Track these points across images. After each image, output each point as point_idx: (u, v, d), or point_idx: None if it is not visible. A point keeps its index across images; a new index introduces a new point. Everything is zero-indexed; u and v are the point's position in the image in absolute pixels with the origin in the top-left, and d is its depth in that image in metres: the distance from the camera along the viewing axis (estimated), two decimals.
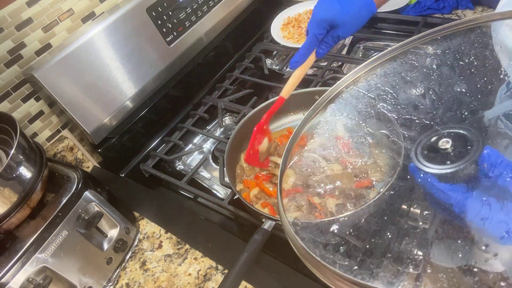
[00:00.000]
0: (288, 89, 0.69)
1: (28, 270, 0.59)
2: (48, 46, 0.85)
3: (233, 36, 1.18)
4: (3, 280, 0.56)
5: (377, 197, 0.53)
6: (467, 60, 0.64)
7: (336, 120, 0.59)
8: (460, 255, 1.27)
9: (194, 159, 0.98)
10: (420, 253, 0.51)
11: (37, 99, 0.87)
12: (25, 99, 0.84)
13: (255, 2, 1.24)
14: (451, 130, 0.43)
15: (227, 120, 1.05)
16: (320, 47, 0.68)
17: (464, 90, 0.61)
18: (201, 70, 1.10)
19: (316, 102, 0.59)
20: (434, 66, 0.63)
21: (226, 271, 0.69)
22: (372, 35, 1.09)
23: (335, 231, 0.49)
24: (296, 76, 0.69)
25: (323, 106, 0.60)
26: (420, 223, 0.66)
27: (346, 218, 0.52)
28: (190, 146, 1.01)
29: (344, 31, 0.65)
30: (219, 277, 0.69)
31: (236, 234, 0.74)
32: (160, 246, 0.76)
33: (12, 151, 0.59)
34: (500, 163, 0.39)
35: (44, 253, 0.61)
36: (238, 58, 1.19)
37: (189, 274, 0.71)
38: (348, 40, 1.12)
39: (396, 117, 0.57)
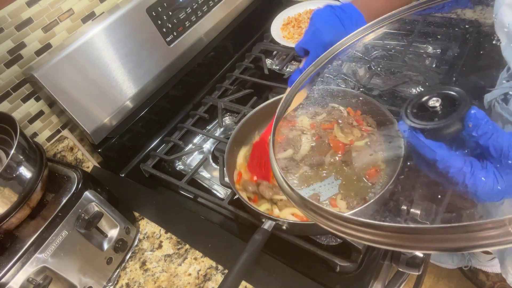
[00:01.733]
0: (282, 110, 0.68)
1: (28, 270, 0.59)
2: (48, 46, 0.85)
3: (233, 36, 1.18)
4: (3, 280, 0.56)
5: None
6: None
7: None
8: (460, 257, 1.27)
9: (194, 159, 0.98)
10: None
11: (37, 99, 0.87)
12: (25, 99, 0.84)
13: (255, 2, 1.24)
14: (442, 91, 0.44)
15: (227, 120, 1.05)
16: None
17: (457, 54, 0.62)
18: (201, 70, 1.10)
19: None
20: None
21: (226, 271, 0.69)
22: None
23: None
24: (296, 99, 0.68)
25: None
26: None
27: None
28: (190, 146, 1.01)
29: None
30: (219, 277, 0.69)
31: (236, 234, 0.74)
32: (160, 246, 0.76)
33: (12, 151, 0.59)
34: (485, 123, 0.41)
35: (44, 253, 0.61)
36: (238, 58, 1.19)
37: (189, 274, 0.71)
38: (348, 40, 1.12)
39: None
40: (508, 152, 0.40)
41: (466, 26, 1.00)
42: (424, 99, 0.45)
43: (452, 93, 0.43)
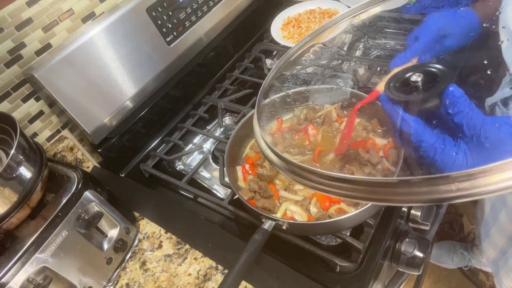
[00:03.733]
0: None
1: (28, 270, 0.59)
2: (48, 46, 0.85)
3: (233, 36, 1.18)
4: (3, 280, 0.56)
5: None
6: None
7: None
8: (460, 257, 1.27)
9: (194, 159, 0.98)
10: None
11: (37, 99, 0.87)
12: (25, 99, 0.84)
13: (255, 2, 1.24)
14: (425, 68, 0.44)
15: (227, 120, 1.05)
16: (424, 54, 0.66)
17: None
18: (201, 70, 1.10)
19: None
20: None
21: (226, 271, 0.69)
22: (371, 34, 1.09)
23: None
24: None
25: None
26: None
27: None
28: (190, 146, 1.01)
29: (453, 42, 0.64)
30: (219, 277, 0.69)
31: (236, 234, 0.74)
32: (160, 246, 0.76)
33: (12, 151, 0.59)
34: (462, 101, 0.41)
35: (44, 253, 0.61)
36: (238, 58, 1.19)
37: (189, 274, 0.71)
38: (348, 39, 1.12)
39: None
40: (480, 131, 0.40)
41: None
42: (408, 74, 0.45)
43: (434, 70, 0.44)
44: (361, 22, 1.08)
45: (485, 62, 0.61)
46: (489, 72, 0.65)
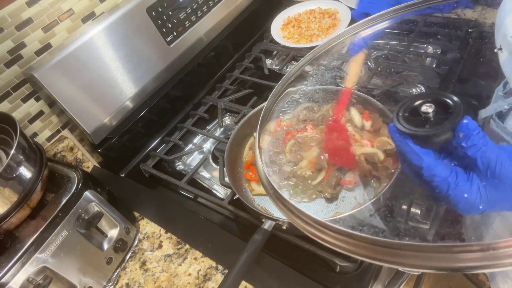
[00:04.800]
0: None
1: (28, 270, 0.59)
2: (48, 46, 0.85)
3: (233, 36, 1.18)
4: (3, 280, 0.56)
5: None
6: None
7: None
8: None
9: (194, 159, 0.98)
10: None
11: (37, 99, 0.87)
12: (25, 99, 0.84)
13: (255, 2, 1.24)
14: (437, 97, 0.43)
15: (227, 120, 1.05)
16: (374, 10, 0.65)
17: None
18: (201, 70, 1.10)
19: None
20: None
21: (226, 271, 0.69)
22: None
23: None
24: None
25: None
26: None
27: None
28: (190, 146, 1.01)
29: None
30: (219, 277, 0.69)
31: (236, 234, 0.74)
32: (160, 246, 0.76)
33: (12, 151, 0.59)
34: (476, 134, 0.40)
35: (44, 253, 0.61)
36: (238, 58, 1.19)
37: (189, 274, 0.71)
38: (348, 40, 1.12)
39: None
40: (495, 167, 0.39)
41: (467, 27, 1.00)
42: (417, 103, 0.44)
43: (447, 100, 0.42)
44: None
45: (484, 66, 0.61)
46: (487, 77, 0.65)
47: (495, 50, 0.56)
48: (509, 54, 0.55)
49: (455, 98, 0.42)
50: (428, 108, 0.42)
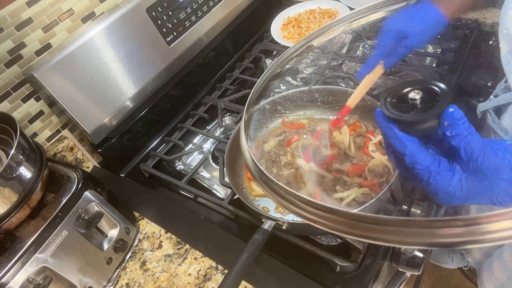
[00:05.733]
0: (354, 99, 0.65)
1: (28, 270, 0.59)
2: (48, 46, 0.85)
3: (233, 36, 1.18)
4: (3, 280, 0.56)
5: None
6: None
7: None
8: (460, 257, 1.27)
9: (194, 159, 0.98)
10: None
11: (37, 99, 0.87)
12: (25, 99, 0.84)
13: (255, 2, 1.24)
14: (425, 85, 0.42)
15: (227, 120, 1.05)
16: (388, 58, 0.64)
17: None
18: (201, 70, 1.10)
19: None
20: None
21: (226, 271, 0.69)
22: (371, 34, 1.09)
23: None
24: (362, 86, 0.65)
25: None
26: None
27: None
28: (190, 146, 1.01)
29: (415, 41, 0.61)
30: (219, 277, 0.69)
31: (236, 234, 0.74)
32: (160, 246, 0.76)
33: (12, 151, 0.59)
34: (461, 124, 0.39)
35: (44, 253, 0.61)
36: (238, 58, 1.19)
37: (189, 274, 0.70)
38: (348, 39, 1.12)
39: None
40: (477, 158, 0.39)
41: (467, 26, 1.00)
42: (405, 90, 0.43)
43: (435, 88, 0.42)
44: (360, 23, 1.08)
45: (484, 64, 0.61)
46: (487, 74, 0.65)
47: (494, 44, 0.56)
48: (509, 48, 0.55)
49: (443, 86, 0.41)
50: (415, 95, 0.42)
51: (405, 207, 0.73)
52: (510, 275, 0.82)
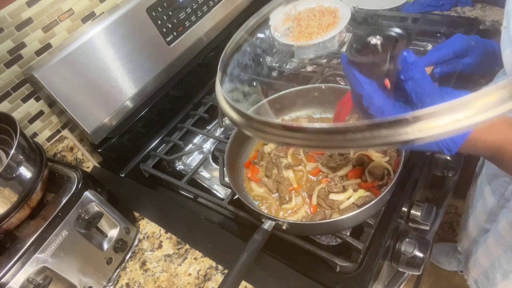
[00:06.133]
0: None
1: (28, 270, 0.59)
2: (48, 46, 0.85)
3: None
4: (3, 280, 0.56)
5: None
6: None
7: None
8: (456, 262, 1.27)
9: (194, 159, 0.98)
10: None
11: (37, 99, 0.87)
12: (25, 99, 0.84)
13: (255, 2, 1.24)
14: (386, 32, 0.45)
15: (227, 120, 1.05)
16: (441, 66, 0.64)
17: None
18: (201, 70, 1.10)
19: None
20: None
21: (226, 271, 0.69)
22: (371, 33, 1.09)
23: None
24: None
25: None
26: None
27: None
28: (190, 146, 1.01)
29: (471, 63, 0.62)
30: (219, 277, 0.69)
31: (236, 234, 0.74)
32: (160, 246, 0.76)
33: (12, 151, 0.59)
34: (414, 68, 0.41)
35: (44, 253, 0.61)
36: None
37: (189, 274, 0.71)
38: (348, 38, 1.12)
39: None
40: (425, 100, 0.41)
41: (466, 25, 1.00)
42: (369, 38, 0.46)
43: (393, 34, 0.44)
44: (361, 20, 1.08)
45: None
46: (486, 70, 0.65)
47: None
48: (507, 26, 0.55)
49: (400, 31, 0.44)
50: (376, 41, 0.44)
51: (404, 209, 0.73)
52: (494, 261, 0.83)
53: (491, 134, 0.42)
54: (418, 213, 0.74)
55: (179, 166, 0.98)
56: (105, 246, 0.70)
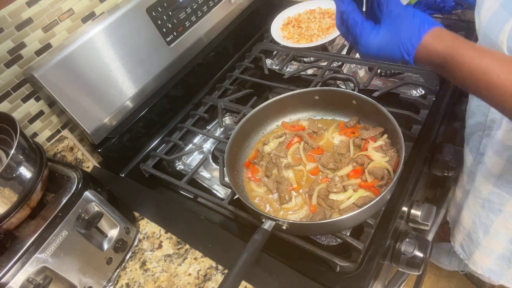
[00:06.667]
0: None
1: (28, 270, 0.59)
2: (48, 46, 0.85)
3: (233, 36, 1.18)
4: (3, 280, 0.56)
5: None
6: None
7: None
8: (458, 261, 1.27)
9: (194, 159, 0.98)
10: None
11: (37, 99, 0.87)
12: (25, 99, 0.84)
13: (255, 2, 1.24)
14: None
15: (227, 120, 1.05)
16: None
17: None
18: (201, 70, 1.10)
19: None
20: None
21: (226, 271, 0.69)
22: None
23: None
24: None
25: None
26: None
27: None
28: (190, 146, 1.01)
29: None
30: (219, 277, 0.69)
31: (236, 234, 0.74)
32: (160, 246, 0.76)
33: (12, 151, 0.59)
34: None
35: (44, 253, 0.61)
36: (238, 58, 1.19)
37: (189, 274, 0.71)
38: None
39: None
40: (391, 10, 0.51)
41: (467, 28, 1.00)
42: None
43: None
44: None
45: None
46: None
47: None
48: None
49: None
50: None
51: (404, 209, 0.73)
52: (474, 219, 0.84)
53: (441, 42, 0.49)
54: (418, 213, 0.74)
55: (179, 166, 0.98)
56: (105, 246, 0.70)
